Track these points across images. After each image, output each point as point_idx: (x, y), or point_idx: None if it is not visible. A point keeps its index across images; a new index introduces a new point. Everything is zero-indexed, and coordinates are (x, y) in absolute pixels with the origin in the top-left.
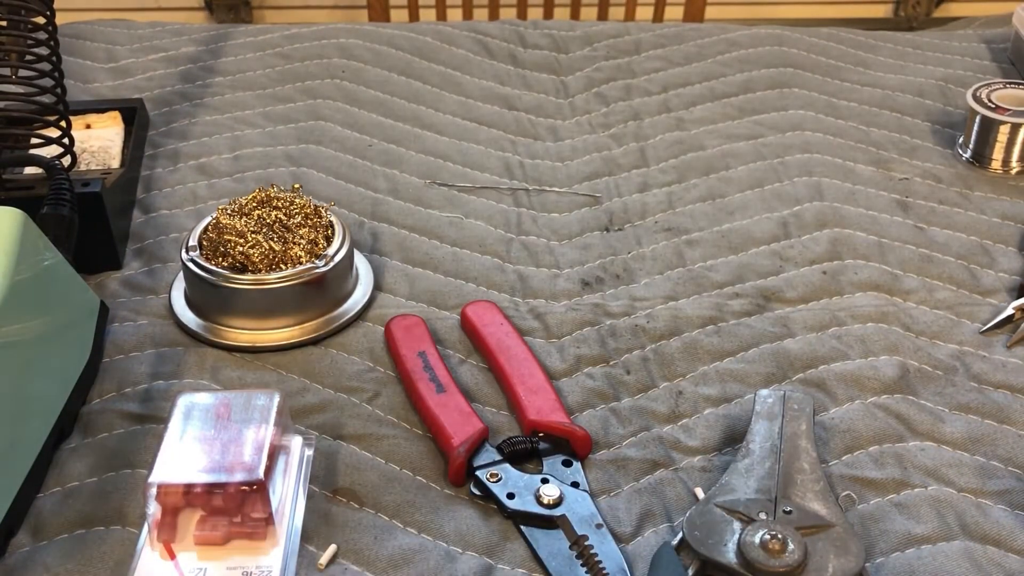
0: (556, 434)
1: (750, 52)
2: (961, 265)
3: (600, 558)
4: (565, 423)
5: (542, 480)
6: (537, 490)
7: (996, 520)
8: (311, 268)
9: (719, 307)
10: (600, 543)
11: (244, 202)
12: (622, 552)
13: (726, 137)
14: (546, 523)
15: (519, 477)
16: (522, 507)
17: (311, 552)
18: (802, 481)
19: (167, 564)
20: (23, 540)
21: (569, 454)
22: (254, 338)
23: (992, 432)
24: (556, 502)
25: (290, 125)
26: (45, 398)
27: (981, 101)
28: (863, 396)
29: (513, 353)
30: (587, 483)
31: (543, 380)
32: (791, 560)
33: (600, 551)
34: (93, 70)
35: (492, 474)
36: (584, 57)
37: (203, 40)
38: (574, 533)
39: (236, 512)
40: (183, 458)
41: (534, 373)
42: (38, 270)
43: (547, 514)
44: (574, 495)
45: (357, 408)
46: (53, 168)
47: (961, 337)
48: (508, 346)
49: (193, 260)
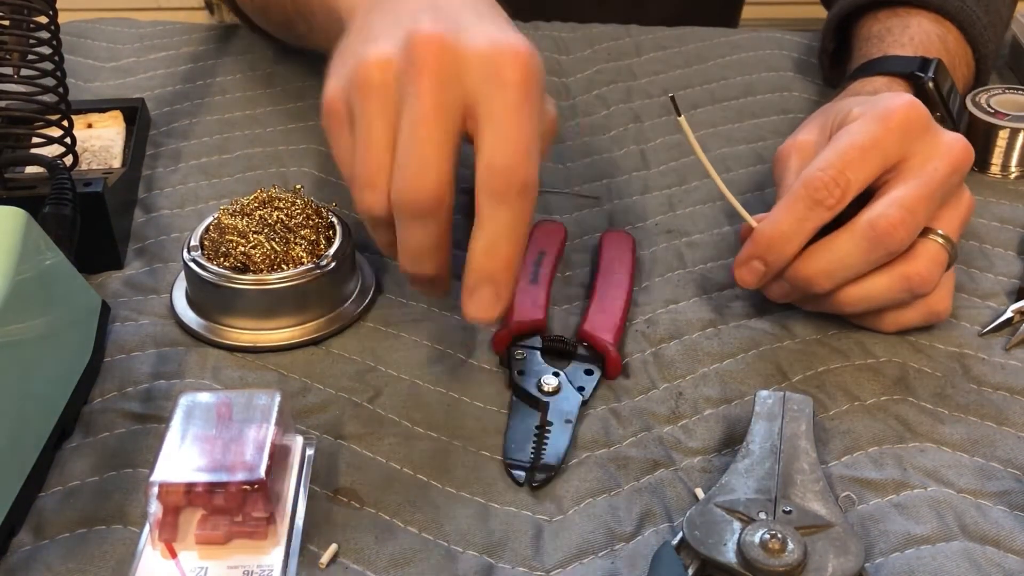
0: (595, 348)
1: (751, 55)
2: (960, 268)
3: (547, 445)
4: (606, 341)
5: (553, 373)
6: (542, 377)
7: (995, 521)
8: (312, 268)
9: (719, 309)
10: (558, 435)
11: (246, 202)
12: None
13: (727, 140)
14: (533, 404)
15: (539, 363)
16: (522, 384)
17: (312, 551)
18: (802, 481)
19: (168, 563)
20: (24, 539)
21: (597, 368)
22: (255, 338)
23: (991, 433)
24: (551, 392)
25: (292, 125)
26: (47, 397)
27: (980, 106)
28: (863, 398)
29: (614, 279)
30: (591, 392)
31: (618, 307)
32: (791, 560)
33: (552, 440)
34: (95, 69)
35: (520, 352)
36: (585, 59)
37: (205, 39)
38: (546, 420)
39: (237, 511)
40: (184, 457)
41: (616, 299)
42: (40, 269)
43: (536, 396)
44: (570, 393)
45: (358, 408)
46: (55, 167)
47: (960, 339)
48: (613, 271)
49: (195, 260)
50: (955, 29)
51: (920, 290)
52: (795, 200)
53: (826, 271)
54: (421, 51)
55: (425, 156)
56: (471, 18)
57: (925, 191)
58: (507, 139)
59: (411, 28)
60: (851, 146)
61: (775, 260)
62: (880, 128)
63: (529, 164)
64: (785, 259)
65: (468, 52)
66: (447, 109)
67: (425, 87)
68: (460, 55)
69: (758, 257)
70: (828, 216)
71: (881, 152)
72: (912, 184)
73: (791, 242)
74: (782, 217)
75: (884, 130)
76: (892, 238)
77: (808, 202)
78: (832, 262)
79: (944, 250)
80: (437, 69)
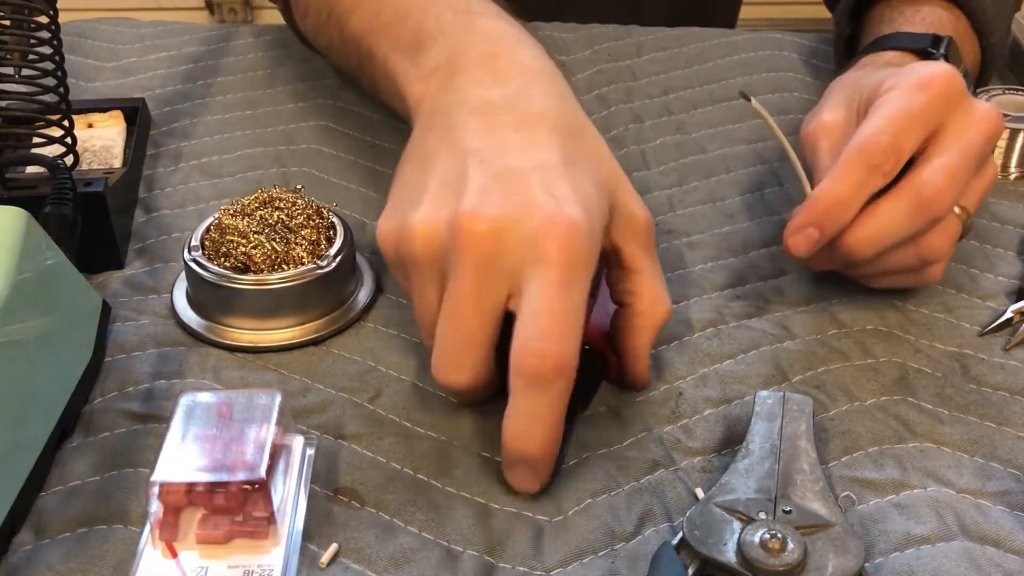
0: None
1: (751, 56)
2: (960, 268)
3: None
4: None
5: None
6: None
7: (995, 521)
8: (313, 269)
9: (719, 309)
10: None
11: (246, 202)
12: None
13: (727, 140)
14: None
15: None
16: None
17: (312, 551)
18: (802, 481)
19: (169, 563)
20: (25, 539)
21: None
22: (256, 338)
23: (991, 433)
24: None
25: (292, 125)
26: (47, 397)
27: None
28: (862, 398)
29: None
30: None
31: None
32: (791, 559)
33: None
34: (95, 69)
35: None
36: (586, 59)
37: (205, 40)
38: None
39: (238, 511)
40: (185, 457)
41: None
42: (41, 269)
43: None
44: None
45: (358, 408)
46: (56, 167)
47: (960, 340)
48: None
49: (195, 260)
50: (964, 18)
51: (930, 258)
52: (851, 166)
53: (871, 237)
54: (465, 237)
55: (459, 344)
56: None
57: (965, 158)
58: (541, 319)
59: (458, 205)
60: (901, 113)
61: (831, 227)
62: (925, 96)
63: (564, 345)
64: (840, 226)
65: (512, 232)
66: (487, 292)
67: (466, 271)
68: (503, 236)
69: (814, 223)
70: (883, 182)
71: (927, 119)
72: (954, 151)
73: (848, 208)
74: (839, 184)
75: (929, 97)
76: (937, 204)
77: (866, 168)
78: (878, 228)
79: (959, 220)
80: (478, 255)
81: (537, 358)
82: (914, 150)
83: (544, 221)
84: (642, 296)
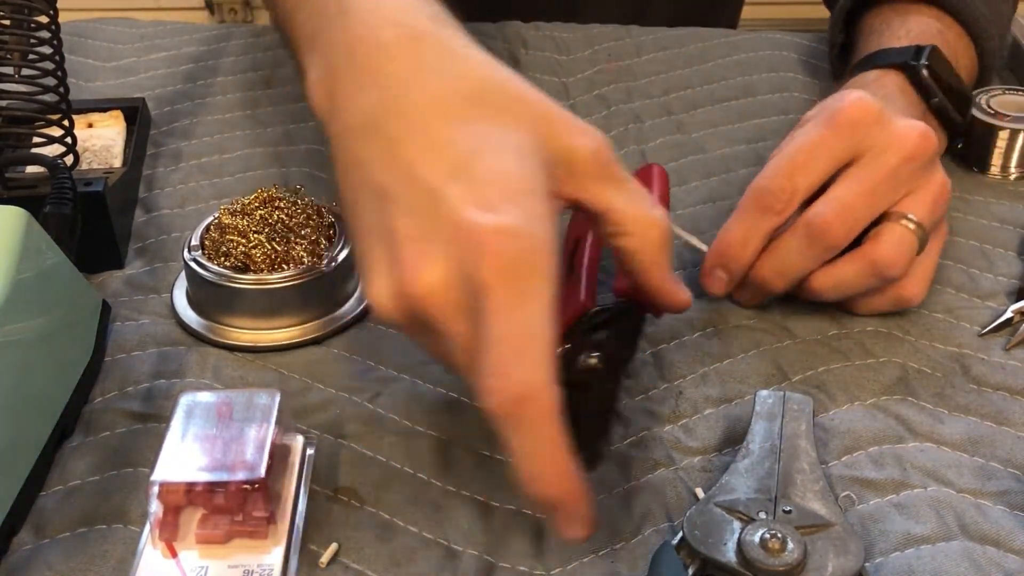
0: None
1: (751, 56)
2: (960, 269)
3: None
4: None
5: None
6: None
7: (995, 520)
8: (313, 268)
9: (719, 309)
10: None
11: (246, 202)
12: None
13: (727, 140)
14: None
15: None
16: None
17: (312, 551)
18: (802, 481)
19: (169, 562)
20: (25, 538)
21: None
22: (256, 338)
23: (991, 433)
24: None
25: (292, 125)
26: (47, 397)
27: (980, 107)
28: (862, 397)
29: None
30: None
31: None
32: (790, 559)
33: None
34: (95, 69)
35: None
36: (586, 59)
37: (205, 39)
38: None
39: (238, 511)
40: (185, 457)
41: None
42: (40, 269)
43: None
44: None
45: (359, 407)
46: (56, 167)
47: (960, 339)
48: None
49: (195, 260)
50: (956, 25)
51: (888, 273)
52: (745, 210)
53: (777, 271)
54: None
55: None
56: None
57: (866, 185)
58: (489, 353)
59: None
60: (797, 151)
61: (735, 266)
62: (825, 129)
63: (519, 371)
64: (744, 264)
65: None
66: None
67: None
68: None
69: (719, 265)
70: (778, 221)
71: (828, 153)
72: (852, 180)
73: (747, 248)
74: (735, 227)
75: (829, 130)
76: (828, 235)
77: (756, 210)
78: (780, 262)
79: (912, 233)
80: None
81: (495, 396)
82: (816, 184)
83: (472, 248)
84: (627, 230)
